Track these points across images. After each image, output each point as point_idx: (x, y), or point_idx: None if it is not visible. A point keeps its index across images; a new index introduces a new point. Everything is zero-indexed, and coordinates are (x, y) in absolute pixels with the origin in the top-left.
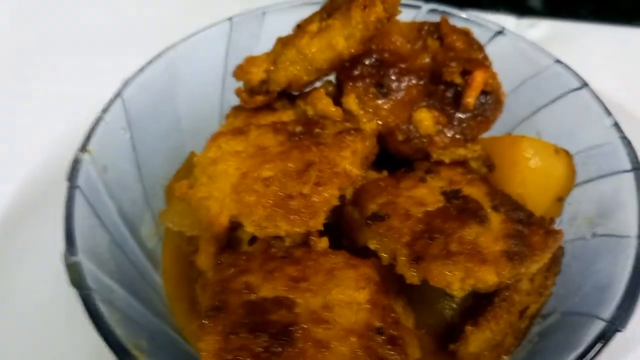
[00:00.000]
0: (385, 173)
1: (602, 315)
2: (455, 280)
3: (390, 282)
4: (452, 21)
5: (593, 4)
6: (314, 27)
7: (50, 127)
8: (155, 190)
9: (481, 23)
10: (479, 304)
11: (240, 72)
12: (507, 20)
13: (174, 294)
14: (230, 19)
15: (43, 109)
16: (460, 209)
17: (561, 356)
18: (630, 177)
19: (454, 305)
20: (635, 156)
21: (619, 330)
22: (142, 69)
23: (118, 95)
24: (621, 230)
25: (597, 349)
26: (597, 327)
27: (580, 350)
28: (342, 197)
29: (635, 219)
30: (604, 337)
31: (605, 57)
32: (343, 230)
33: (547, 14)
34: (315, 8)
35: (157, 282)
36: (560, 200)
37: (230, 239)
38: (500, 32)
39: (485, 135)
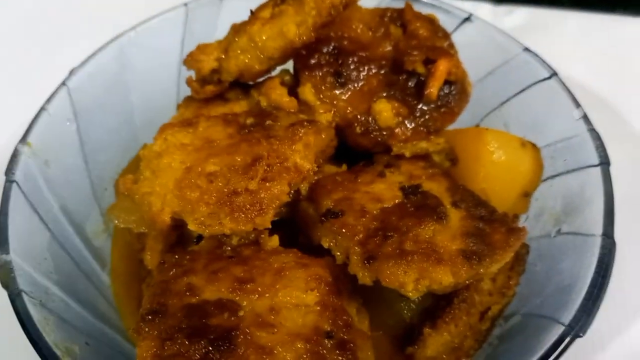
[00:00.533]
0: (344, 167)
1: (563, 320)
2: (408, 281)
3: (344, 282)
4: (419, 7)
5: None
6: (266, 13)
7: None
8: (105, 185)
9: (448, 9)
10: (438, 304)
11: (190, 60)
12: (483, 7)
13: (121, 294)
14: (185, 4)
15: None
16: (418, 205)
17: None
18: (597, 172)
19: (413, 306)
20: (604, 150)
21: (579, 336)
22: (90, 57)
23: (63, 84)
24: (587, 229)
25: (555, 356)
26: (557, 331)
27: (537, 356)
28: (297, 192)
29: (601, 217)
30: (563, 343)
31: (583, 45)
32: (299, 227)
33: (526, 1)
34: None
35: (104, 282)
36: (526, 195)
37: (180, 236)
38: (467, 19)
39: (452, 126)
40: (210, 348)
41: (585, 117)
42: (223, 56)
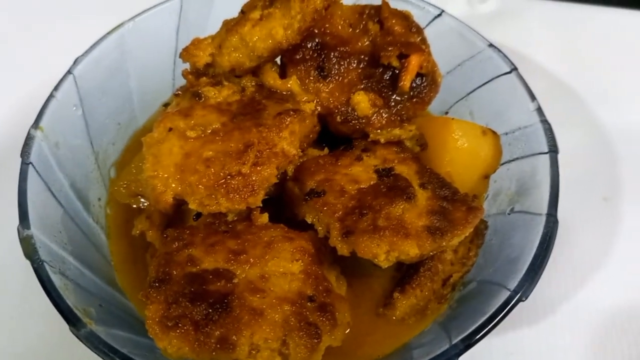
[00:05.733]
0: (326, 150)
1: (510, 286)
2: (380, 252)
3: (325, 254)
4: (395, 3)
5: None
6: (256, 14)
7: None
8: (108, 162)
9: (421, 6)
10: (406, 272)
11: (186, 54)
12: None
13: (121, 262)
14: None
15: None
16: (390, 186)
17: (472, 321)
18: (546, 159)
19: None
20: (553, 139)
21: (522, 300)
22: (93, 46)
23: (69, 72)
24: (535, 208)
25: (500, 316)
26: (504, 296)
27: (487, 316)
28: (283, 173)
29: (547, 198)
30: (508, 305)
31: (553, 33)
32: (285, 204)
33: None
34: None
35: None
36: (486, 177)
37: (178, 212)
38: (439, 16)
39: (424, 112)
40: (210, 310)
41: (539, 110)
42: (216, 52)
